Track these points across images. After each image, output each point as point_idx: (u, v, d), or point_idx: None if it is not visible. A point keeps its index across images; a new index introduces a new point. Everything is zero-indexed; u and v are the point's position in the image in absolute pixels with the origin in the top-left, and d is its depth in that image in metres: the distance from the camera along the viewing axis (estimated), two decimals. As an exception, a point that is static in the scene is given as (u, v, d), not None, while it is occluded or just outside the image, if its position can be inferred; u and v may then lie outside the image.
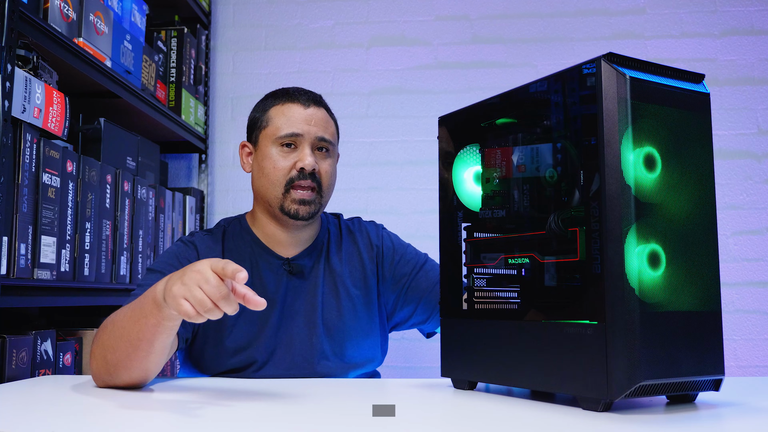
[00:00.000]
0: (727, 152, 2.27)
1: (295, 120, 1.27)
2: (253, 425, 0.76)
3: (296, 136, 1.26)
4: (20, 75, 1.24)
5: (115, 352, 0.99)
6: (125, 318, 1.00)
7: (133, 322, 0.97)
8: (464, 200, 1.02)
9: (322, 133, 1.28)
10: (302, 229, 1.31)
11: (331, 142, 1.30)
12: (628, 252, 0.75)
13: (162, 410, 0.86)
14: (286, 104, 1.29)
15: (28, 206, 1.26)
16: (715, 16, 2.33)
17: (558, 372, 0.81)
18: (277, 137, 1.26)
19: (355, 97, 2.38)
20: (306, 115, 1.27)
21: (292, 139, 1.26)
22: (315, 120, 1.28)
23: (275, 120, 1.28)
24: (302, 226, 1.30)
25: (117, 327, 1.01)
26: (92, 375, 1.05)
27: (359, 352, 1.29)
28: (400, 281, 1.34)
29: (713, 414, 0.80)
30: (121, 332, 0.99)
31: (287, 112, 1.28)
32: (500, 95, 0.95)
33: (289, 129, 1.26)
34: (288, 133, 1.26)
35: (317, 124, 1.28)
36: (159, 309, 0.93)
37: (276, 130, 1.27)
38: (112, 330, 1.01)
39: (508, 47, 2.36)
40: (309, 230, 1.33)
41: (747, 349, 2.19)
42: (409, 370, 2.22)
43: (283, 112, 1.28)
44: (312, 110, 1.28)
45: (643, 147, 0.78)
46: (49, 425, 0.75)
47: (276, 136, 1.27)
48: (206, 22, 2.39)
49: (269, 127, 1.29)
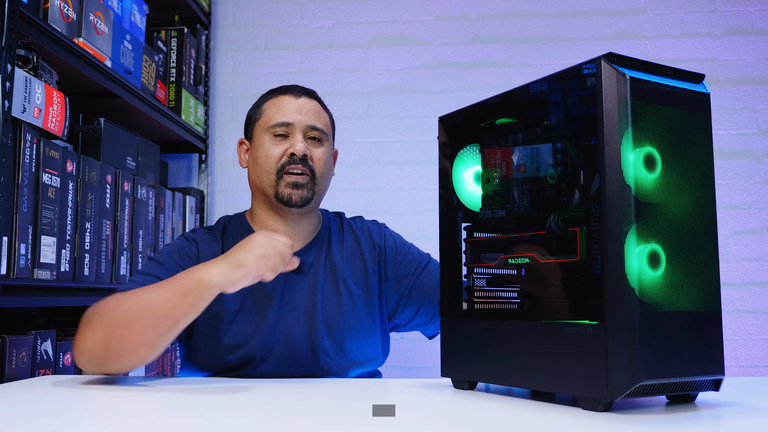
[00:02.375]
0: (727, 152, 2.27)
1: (287, 110, 1.30)
2: (253, 425, 0.76)
3: (287, 125, 1.29)
4: (20, 75, 1.24)
5: (128, 328, 1.02)
6: (152, 296, 1.04)
7: (166, 299, 1.03)
8: (464, 200, 1.02)
9: (314, 122, 1.30)
10: (300, 220, 1.31)
11: (323, 131, 1.31)
12: (628, 252, 0.75)
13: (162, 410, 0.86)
14: (278, 96, 1.33)
15: (28, 206, 1.26)
16: (715, 16, 2.33)
17: (558, 372, 0.81)
18: (269, 126, 1.29)
19: (355, 97, 2.38)
20: (297, 105, 1.30)
21: (283, 129, 1.29)
22: (306, 109, 1.31)
23: (267, 111, 1.32)
24: (299, 215, 1.31)
25: (136, 304, 1.04)
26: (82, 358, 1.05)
27: (359, 349, 1.29)
28: (403, 281, 1.34)
29: (713, 414, 0.80)
30: (144, 309, 1.03)
31: (279, 103, 1.31)
32: (500, 95, 0.95)
33: (280, 118, 1.29)
34: (279, 122, 1.29)
35: (308, 113, 1.31)
36: (202, 288, 1.02)
37: (268, 120, 1.30)
38: (129, 307, 1.04)
39: (508, 47, 2.36)
40: (308, 224, 1.33)
41: (747, 349, 2.19)
42: (409, 370, 2.22)
43: (275, 104, 1.32)
44: (303, 100, 1.32)
45: (643, 147, 0.78)
46: (49, 425, 0.75)
47: (267, 126, 1.30)
48: (206, 22, 2.39)
49: (262, 118, 1.32)
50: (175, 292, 1.03)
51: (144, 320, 1.02)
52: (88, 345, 1.04)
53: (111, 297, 1.09)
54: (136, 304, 1.04)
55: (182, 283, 1.04)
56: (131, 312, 1.03)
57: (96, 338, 1.03)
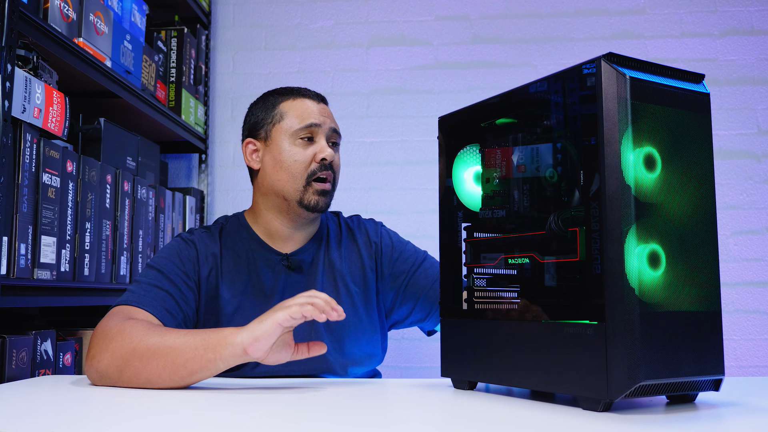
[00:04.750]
0: (727, 152, 2.27)
1: (312, 112, 1.30)
2: (253, 425, 0.76)
3: (315, 127, 1.29)
4: (20, 75, 1.24)
5: (146, 366, 1.00)
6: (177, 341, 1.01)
7: (189, 349, 0.99)
8: (464, 200, 1.02)
9: (335, 126, 1.33)
10: (309, 223, 1.33)
11: (340, 135, 1.34)
12: (628, 252, 0.75)
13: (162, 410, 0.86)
14: (298, 99, 1.32)
15: (28, 206, 1.26)
16: (715, 16, 2.33)
17: (558, 372, 0.81)
18: (296, 129, 1.28)
19: (355, 97, 2.38)
20: (320, 109, 1.32)
21: (310, 131, 1.29)
22: (326, 113, 1.32)
23: (290, 113, 1.30)
24: (312, 219, 1.32)
25: (160, 344, 1.01)
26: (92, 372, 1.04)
27: (358, 347, 1.29)
28: (399, 278, 1.34)
29: (713, 414, 0.80)
30: (166, 352, 1.00)
31: (301, 107, 1.31)
32: (500, 95, 0.95)
33: (307, 120, 1.29)
34: (307, 124, 1.28)
35: (329, 117, 1.33)
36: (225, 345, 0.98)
37: (293, 123, 1.29)
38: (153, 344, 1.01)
39: (508, 47, 2.36)
40: (312, 226, 1.34)
41: (747, 349, 2.19)
42: (409, 370, 2.22)
43: (296, 107, 1.31)
44: (323, 105, 1.34)
45: (643, 147, 0.78)
46: (49, 425, 0.75)
47: (294, 129, 1.28)
48: (206, 22, 2.39)
49: (284, 121, 1.30)
50: (198, 344, 1.00)
51: (163, 363, 1.00)
52: (103, 366, 1.03)
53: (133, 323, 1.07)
54: (160, 343, 1.01)
55: (208, 337, 1.01)
56: (152, 350, 1.01)
57: (112, 363, 1.02)
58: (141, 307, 1.13)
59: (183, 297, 1.20)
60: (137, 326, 1.06)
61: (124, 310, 1.13)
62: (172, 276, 1.21)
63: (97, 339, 1.06)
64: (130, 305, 1.14)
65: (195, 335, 1.02)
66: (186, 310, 1.20)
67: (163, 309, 1.15)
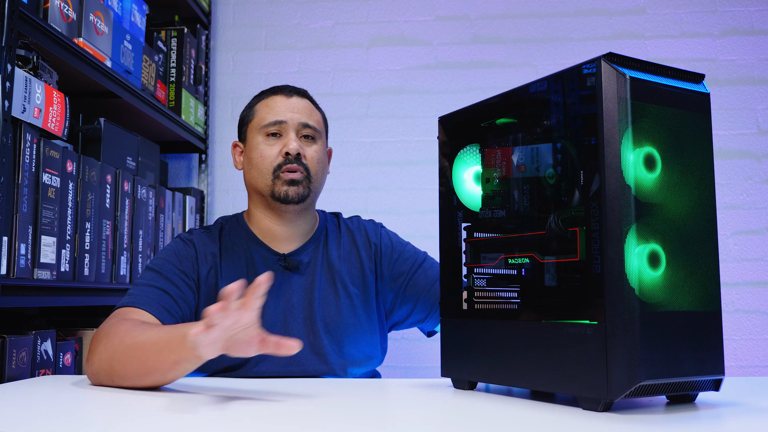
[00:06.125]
0: (727, 152, 2.26)
1: (279, 109, 1.31)
2: (252, 425, 0.76)
3: (280, 124, 1.29)
4: (20, 75, 1.24)
5: (124, 368, 0.99)
6: (147, 341, 0.98)
7: (155, 351, 0.96)
8: (464, 200, 1.02)
9: (306, 120, 1.31)
10: (297, 219, 1.32)
11: (315, 128, 1.32)
12: (628, 252, 0.75)
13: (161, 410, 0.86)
14: (270, 97, 1.34)
15: (28, 206, 1.26)
16: (715, 16, 2.33)
17: (558, 372, 0.81)
18: (262, 126, 1.30)
19: (355, 97, 2.38)
20: (289, 104, 1.31)
21: (276, 128, 1.29)
22: (298, 108, 1.32)
23: (259, 112, 1.32)
24: (295, 213, 1.31)
25: (133, 346, 0.99)
26: (89, 373, 1.05)
27: (358, 348, 1.29)
28: (398, 279, 1.34)
29: (713, 414, 0.80)
30: (138, 353, 0.98)
31: (270, 103, 1.32)
32: (500, 95, 0.95)
33: (272, 117, 1.30)
34: (271, 121, 1.29)
35: (300, 111, 1.31)
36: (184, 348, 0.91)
37: (261, 120, 1.31)
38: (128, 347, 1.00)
39: (508, 47, 2.36)
40: (304, 223, 1.33)
41: (747, 349, 2.19)
42: (409, 370, 2.22)
43: (266, 104, 1.33)
44: (295, 99, 1.33)
45: (643, 147, 0.78)
46: (49, 425, 0.75)
47: (260, 126, 1.30)
48: (206, 22, 2.39)
49: (254, 119, 1.33)
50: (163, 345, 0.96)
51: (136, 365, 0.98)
52: (95, 368, 1.04)
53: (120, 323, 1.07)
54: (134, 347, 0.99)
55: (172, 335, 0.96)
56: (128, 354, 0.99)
57: (101, 365, 1.03)
58: (138, 308, 1.13)
59: (182, 295, 1.20)
60: (123, 326, 1.06)
61: (122, 312, 1.13)
62: (169, 275, 1.21)
63: (92, 341, 1.07)
64: (128, 307, 1.14)
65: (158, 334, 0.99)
66: (185, 308, 1.20)
67: (160, 308, 1.15)
